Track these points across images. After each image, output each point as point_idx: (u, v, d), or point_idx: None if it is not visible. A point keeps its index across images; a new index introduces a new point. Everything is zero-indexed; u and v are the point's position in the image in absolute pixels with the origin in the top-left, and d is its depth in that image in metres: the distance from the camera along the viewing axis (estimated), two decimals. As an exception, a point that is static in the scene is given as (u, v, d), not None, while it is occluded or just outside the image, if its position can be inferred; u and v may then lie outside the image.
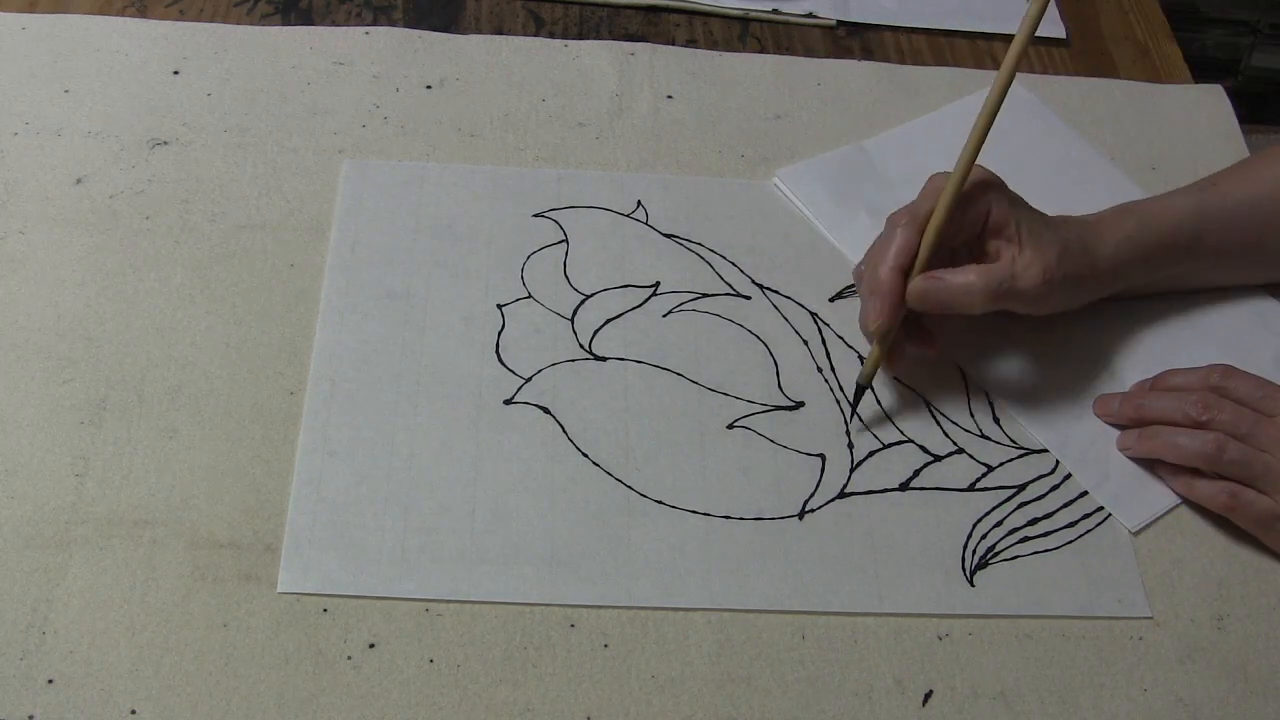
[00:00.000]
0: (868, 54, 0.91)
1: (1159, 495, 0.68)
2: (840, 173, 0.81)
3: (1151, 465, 0.69)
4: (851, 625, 0.62)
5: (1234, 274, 0.76)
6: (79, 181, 0.75)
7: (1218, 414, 0.66)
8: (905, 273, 0.68)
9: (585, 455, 0.67)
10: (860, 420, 0.70)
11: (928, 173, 0.70)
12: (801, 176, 0.81)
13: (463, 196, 0.77)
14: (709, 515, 0.65)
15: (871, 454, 0.69)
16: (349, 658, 0.59)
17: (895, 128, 0.85)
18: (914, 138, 0.84)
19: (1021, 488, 0.68)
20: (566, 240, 0.76)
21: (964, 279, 0.67)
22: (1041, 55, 0.93)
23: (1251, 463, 0.65)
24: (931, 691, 0.60)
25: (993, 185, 0.69)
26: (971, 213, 0.68)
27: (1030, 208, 0.70)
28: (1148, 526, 0.67)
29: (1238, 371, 0.68)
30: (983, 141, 0.66)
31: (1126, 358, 0.74)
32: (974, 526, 0.66)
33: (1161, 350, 0.74)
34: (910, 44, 0.92)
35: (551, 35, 0.89)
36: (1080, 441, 0.70)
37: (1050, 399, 0.72)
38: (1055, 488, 0.68)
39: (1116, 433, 0.71)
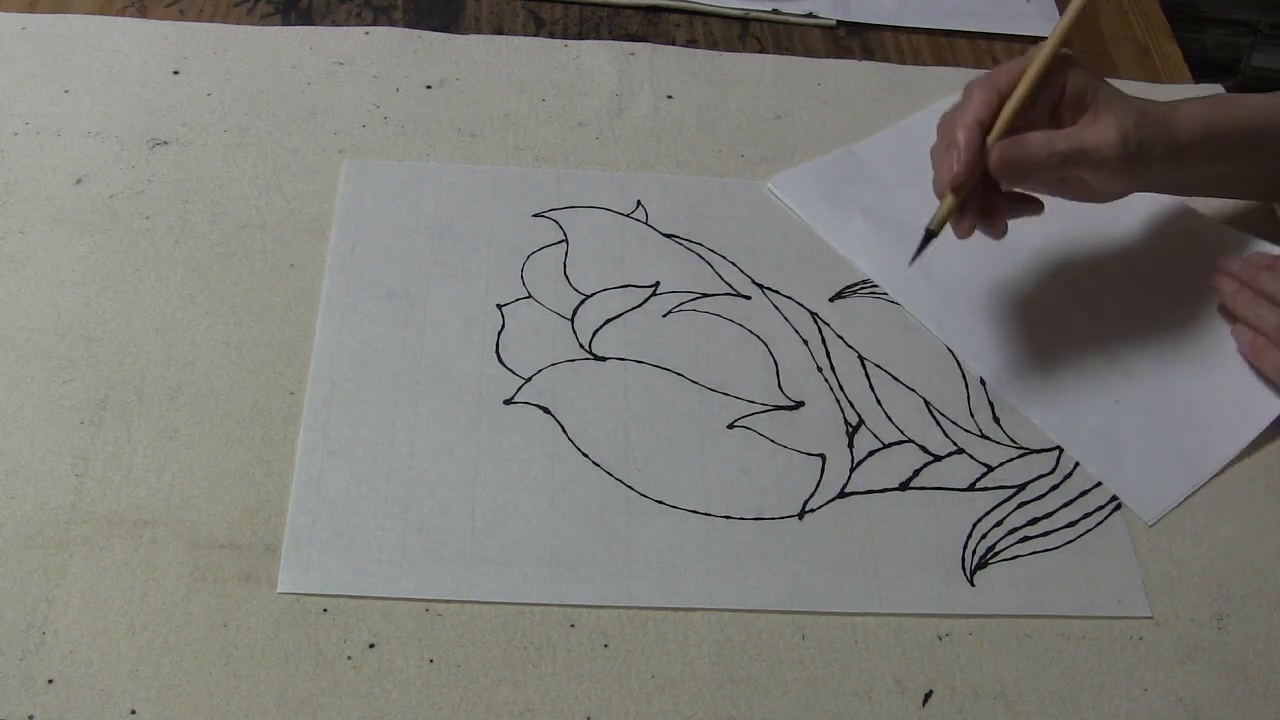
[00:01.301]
0: (868, 54, 0.91)
1: (1174, 486, 0.68)
2: (833, 177, 0.81)
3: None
4: (851, 625, 0.62)
5: None
6: (79, 181, 0.75)
7: None
8: (985, 129, 0.67)
9: (585, 455, 0.67)
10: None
11: (920, 173, 0.70)
12: (795, 183, 0.80)
13: (463, 196, 0.77)
14: (709, 515, 0.65)
15: (871, 454, 0.69)
16: (349, 658, 0.59)
17: (882, 129, 0.85)
18: (902, 138, 0.84)
19: (1021, 487, 0.68)
20: (566, 240, 0.76)
21: (1040, 136, 0.67)
22: (1041, 55, 0.93)
23: None
24: (931, 691, 0.60)
25: (1072, 61, 0.69)
26: (1049, 85, 0.68)
27: (1108, 83, 0.70)
28: (1162, 518, 0.67)
29: None
30: (1077, 14, 0.68)
31: (1137, 350, 0.74)
32: (974, 526, 0.66)
33: (1173, 339, 0.75)
34: (910, 44, 0.92)
35: (551, 35, 0.89)
36: (1092, 435, 0.70)
37: (1059, 394, 0.72)
38: (1055, 488, 0.68)
39: (1126, 426, 0.71)
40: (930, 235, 0.68)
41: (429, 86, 0.83)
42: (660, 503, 0.65)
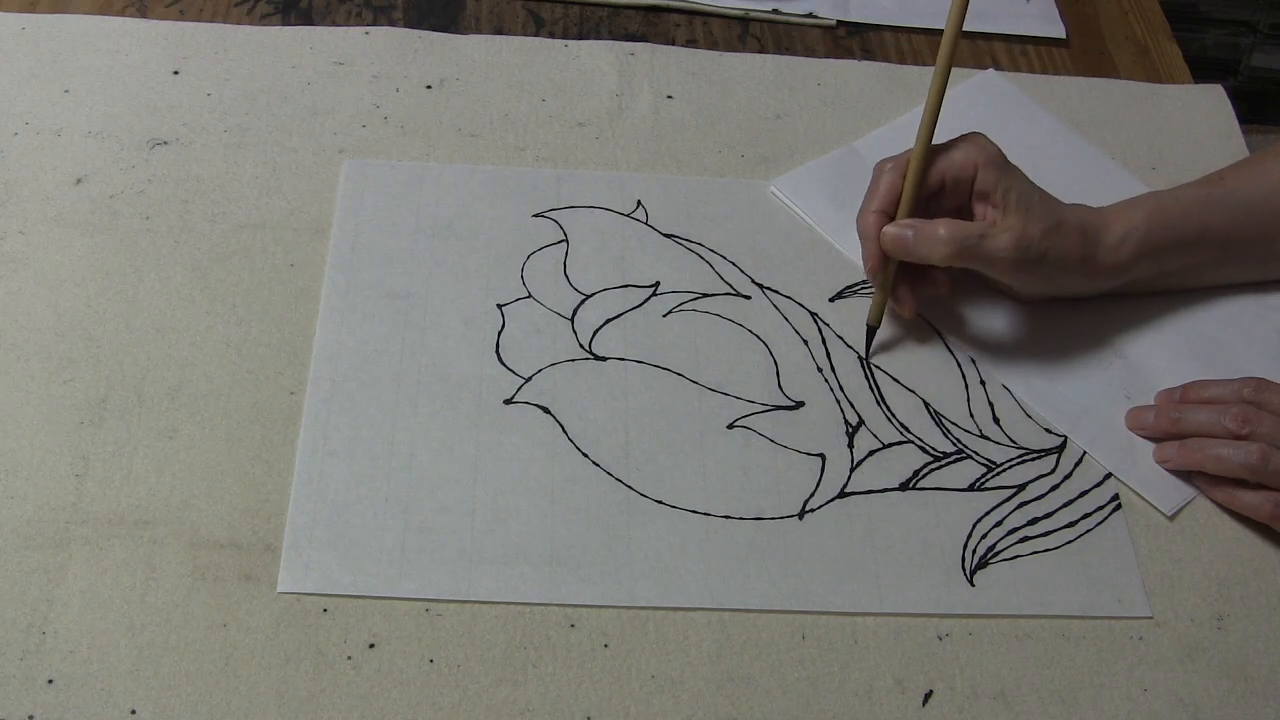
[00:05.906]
0: (868, 54, 0.91)
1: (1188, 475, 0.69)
2: (835, 176, 0.81)
3: (1187, 472, 0.69)
4: (851, 625, 0.62)
5: (1241, 271, 0.77)
6: (79, 181, 0.75)
7: (1258, 426, 0.66)
8: (889, 216, 0.69)
9: (585, 455, 0.67)
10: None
11: None
12: (798, 184, 0.80)
13: (463, 196, 0.77)
14: (709, 515, 0.65)
15: (871, 454, 0.69)
16: (349, 658, 0.59)
17: (883, 126, 0.85)
18: (904, 135, 0.84)
19: (1021, 488, 0.68)
20: (566, 240, 0.76)
21: (931, 229, 0.68)
22: (1041, 55, 0.93)
23: None
24: (931, 691, 0.60)
25: (981, 145, 0.70)
26: (955, 163, 0.69)
27: (1030, 182, 0.70)
28: (1181, 510, 0.68)
29: (1270, 384, 0.68)
30: (949, 67, 0.68)
31: (1146, 344, 0.74)
32: (974, 526, 0.66)
33: (1177, 338, 0.75)
34: (910, 44, 0.92)
35: (551, 35, 0.89)
36: (1105, 431, 0.70)
37: (1072, 391, 0.72)
38: (1055, 488, 0.68)
39: None
40: (872, 330, 0.71)
41: (429, 86, 0.83)
42: (660, 503, 0.65)
